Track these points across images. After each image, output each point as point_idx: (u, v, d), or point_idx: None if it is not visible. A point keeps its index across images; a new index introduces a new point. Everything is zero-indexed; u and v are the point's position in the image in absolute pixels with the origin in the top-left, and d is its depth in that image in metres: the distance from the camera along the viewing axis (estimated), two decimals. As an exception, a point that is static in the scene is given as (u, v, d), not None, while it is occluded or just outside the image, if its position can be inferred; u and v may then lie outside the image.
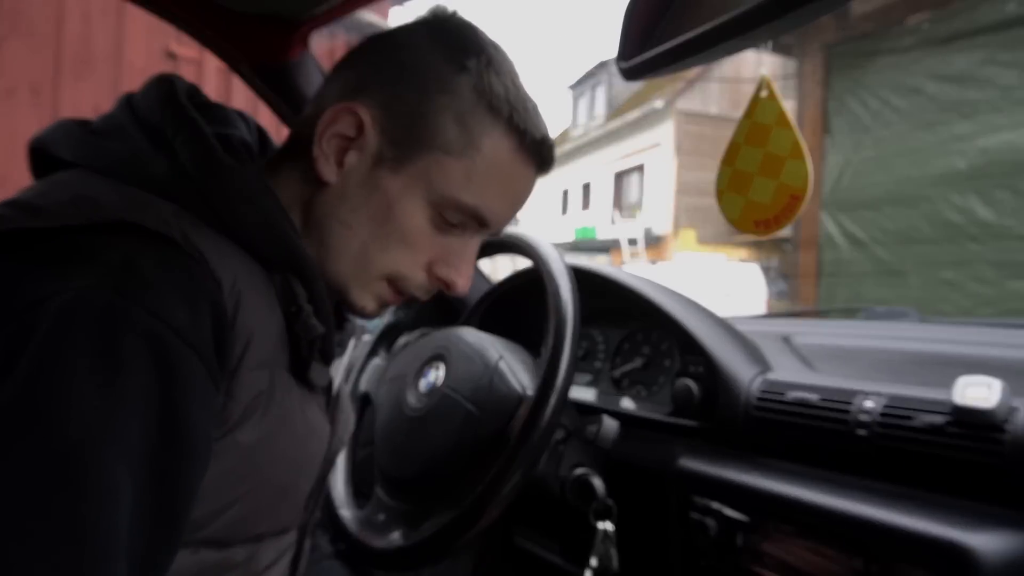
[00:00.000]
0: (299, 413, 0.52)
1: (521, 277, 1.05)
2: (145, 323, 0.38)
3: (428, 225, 0.54)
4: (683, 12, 0.47)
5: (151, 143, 0.48)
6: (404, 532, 0.75)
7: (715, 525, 0.68)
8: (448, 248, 0.55)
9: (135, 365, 0.37)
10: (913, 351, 0.84)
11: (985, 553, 0.50)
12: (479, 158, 0.52)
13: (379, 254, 0.53)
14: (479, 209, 0.54)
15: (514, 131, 0.53)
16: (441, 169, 0.52)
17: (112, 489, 0.35)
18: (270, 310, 0.48)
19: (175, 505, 0.40)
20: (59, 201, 0.42)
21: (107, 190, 0.44)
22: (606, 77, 15.56)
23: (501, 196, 0.54)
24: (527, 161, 0.55)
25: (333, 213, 0.53)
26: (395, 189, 0.52)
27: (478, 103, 0.52)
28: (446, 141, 0.52)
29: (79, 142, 0.48)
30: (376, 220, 0.53)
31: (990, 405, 0.57)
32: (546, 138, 0.55)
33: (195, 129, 0.48)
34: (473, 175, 0.53)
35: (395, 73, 0.53)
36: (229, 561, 0.49)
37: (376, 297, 0.56)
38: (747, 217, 0.66)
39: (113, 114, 0.51)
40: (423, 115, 0.52)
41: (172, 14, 0.88)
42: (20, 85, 2.67)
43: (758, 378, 0.77)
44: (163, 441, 0.38)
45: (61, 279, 0.38)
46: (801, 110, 5.73)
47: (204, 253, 0.43)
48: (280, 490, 0.51)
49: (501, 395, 0.75)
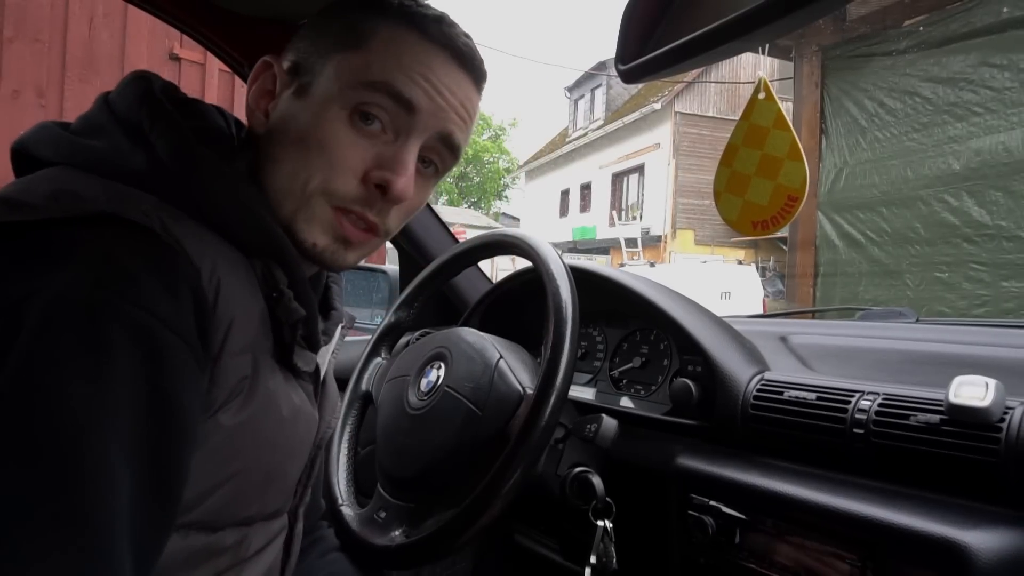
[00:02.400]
0: (283, 397, 0.53)
1: (521, 277, 1.05)
2: (129, 314, 0.39)
3: (348, 129, 0.53)
4: (681, 15, 0.47)
5: (129, 138, 0.49)
6: (405, 530, 0.75)
7: (713, 523, 0.69)
8: (379, 153, 0.54)
9: (122, 354, 0.38)
10: (909, 351, 0.85)
11: (980, 551, 0.51)
12: (374, 43, 0.54)
13: (307, 173, 0.53)
14: (391, 84, 0.53)
15: (404, 14, 0.55)
16: (341, 66, 0.54)
17: (109, 474, 0.36)
18: (251, 296, 0.49)
19: (171, 484, 0.41)
20: (40, 195, 0.43)
21: (87, 184, 0.45)
22: (605, 79, 15.58)
23: (409, 74, 0.54)
24: (427, 39, 0.55)
25: (267, 156, 0.55)
26: (310, 108, 0.54)
27: (367, 5, 0.56)
28: (340, 42, 0.55)
29: (60, 142, 0.49)
30: (300, 142, 0.54)
31: (985, 404, 0.57)
32: (443, 16, 0.56)
33: (171, 122, 0.50)
34: (373, 59, 0.54)
35: (303, 30, 0.58)
36: (218, 545, 0.50)
37: (324, 226, 0.54)
38: (745, 218, 0.67)
39: (92, 113, 0.52)
40: (318, 34, 0.56)
41: (174, 17, 0.88)
42: (25, 87, 2.68)
43: (756, 377, 0.77)
44: (155, 423, 0.39)
45: (43, 275, 0.39)
46: (798, 112, 5.75)
47: (183, 242, 0.44)
48: (267, 473, 0.52)
49: (501, 394, 0.75)
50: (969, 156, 4.73)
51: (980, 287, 4.67)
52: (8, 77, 2.66)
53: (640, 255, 11.67)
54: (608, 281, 0.95)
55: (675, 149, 13.16)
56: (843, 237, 5.53)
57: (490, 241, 0.91)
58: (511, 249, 0.87)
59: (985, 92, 4.66)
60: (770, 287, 8.72)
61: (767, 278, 9.12)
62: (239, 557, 0.52)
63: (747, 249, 11.49)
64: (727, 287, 7.48)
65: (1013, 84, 4.52)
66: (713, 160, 0.68)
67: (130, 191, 0.46)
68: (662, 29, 0.49)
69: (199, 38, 0.92)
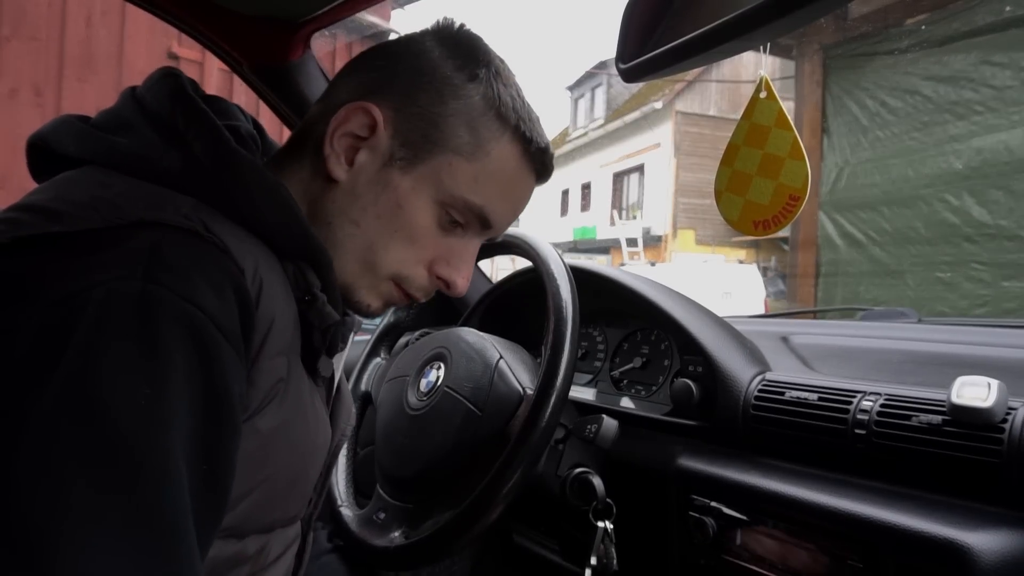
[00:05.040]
0: (309, 402, 0.53)
1: (521, 277, 1.05)
2: (179, 308, 0.39)
3: (434, 225, 0.55)
4: (682, 14, 0.47)
5: (162, 137, 0.48)
6: (404, 531, 0.75)
7: (714, 524, 0.69)
8: (450, 248, 0.57)
9: (175, 349, 0.38)
10: (911, 351, 0.84)
11: (982, 552, 0.51)
12: (487, 161, 0.55)
13: (385, 252, 0.54)
14: (484, 210, 0.56)
15: (520, 139, 0.56)
16: (451, 170, 0.54)
17: (170, 471, 0.36)
18: (287, 298, 0.49)
19: (224, 480, 0.41)
20: (77, 203, 0.43)
21: (123, 189, 0.44)
22: (605, 78, 15.58)
23: (504, 199, 0.57)
24: (530, 168, 0.58)
25: (342, 211, 0.54)
26: (405, 188, 0.53)
27: (488, 110, 0.54)
28: (457, 144, 0.54)
29: (85, 137, 0.48)
30: (384, 219, 0.54)
31: (988, 404, 0.57)
32: (548, 148, 0.58)
33: (208, 122, 0.49)
34: (480, 177, 0.55)
35: (409, 78, 0.54)
36: (243, 554, 0.49)
37: (381, 296, 0.57)
38: (746, 217, 0.67)
39: (117, 109, 0.50)
40: (435, 118, 0.54)
41: (173, 15, 0.88)
42: (23, 86, 2.68)
43: (757, 378, 0.77)
44: (209, 419, 0.39)
45: (91, 272, 0.39)
46: (799, 111, 5.74)
47: (226, 242, 0.44)
48: (292, 479, 0.52)
49: (501, 394, 0.75)
50: (970, 155, 4.72)
51: (981, 287, 4.67)
52: (5, 76, 2.66)
53: (641, 255, 11.66)
54: (608, 281, 0.95)
55: (676, 148, 13.15)
56: (844, 237, 5.52)
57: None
58: (511, 249, 0.87)
59: (986, 91, 4.66)
60: (771, 287, 8.71)
61: (768, 278, 9.12)
62: (259, 565, 0.52)
63: (748, 249, 11.49)
64: (728, 287, 7.48)
65: (1014, 83, 4.52)
66: (714, 159, 0.68)
67: (167, 193, 0.45)
68: (662, 28, 0.48)
69: (198, 37, 0.92)
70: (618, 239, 11.89)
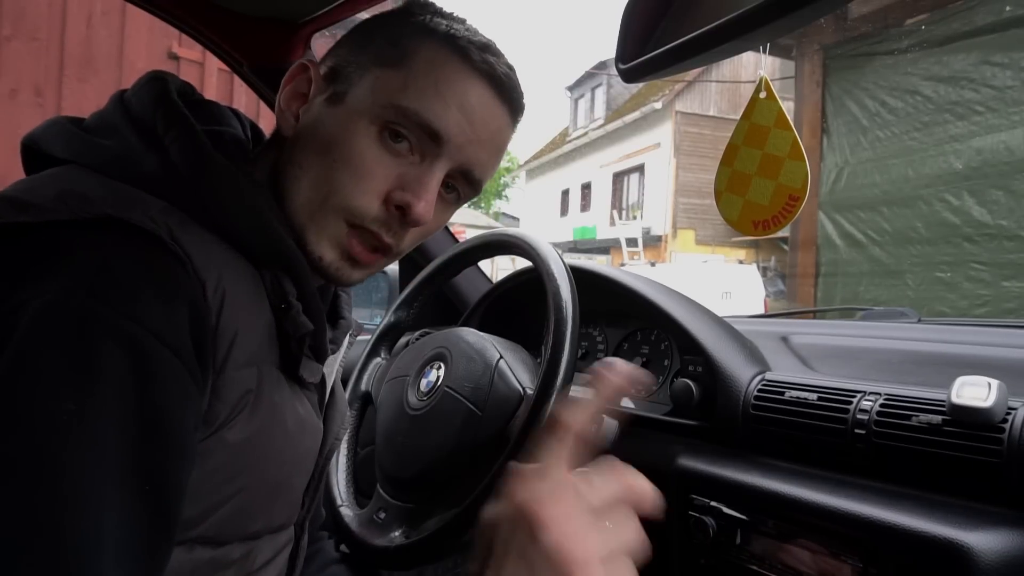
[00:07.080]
0: (289, 410, 0.52)
1: (521, 277, 1.05)
2: (120, 327, 0.38)
3: (376, 145, 0.52)
4: (682, 14, 0.47)
5: (142, 140, 0.48)
6: (405, 531, 0.75)
7: (714, 524, 0.69)
8: (403, 175, 0.53)
9: (110, 368, 0.37)
10: (911, 351, 0.84)
11: (982, 552, 0.51)
12: (415, 64, 0.53)
13: (328, 185, 0.52)
14: (423, 116, 0.52)
15: (449, 38, 0.54)
16: (380, 83, 0.53)
17: (89, 493, 0.35)
18: (258, 307, 0.48)
19: (167, 502, 0.40)
20: (46, 196, 0.43)
21: (96, 185, 0.44)
22: (605, 78, 15.58)
23: (442, 100, 0.52)
24: (468, 65, 0.53)
25: (289, 160, 0.55)
26: (340, 118, 0.53)
27: (414, 23, 0.55)
28: (382, 57, 0.54)
29: (71, 139, 0.48)
30: (323, 152, 0.53)
31: (988, 404, 0.57)
32: (488, 44, 0.55)
33: (186, 126, 0.49)
34: (410, 80, 0.52)
35: (345, 37, 0.57)
36: (225, 559, 0.49)
37: (333, 242, 0.53)
38: (746, 217, 0.67)
39: (106, 112, 0.51)
40: (360, 44, 0.55)
41: (174, 15, 0.88)
42: (23, 86, 2.68)
43: (757, 378, 0.77)
44: (145, 441, 0.38)
45: (38, 281, 0.38)
46: (799, 111, 5.74)
47: (189, 251, 0.44)
48: (273, 488, 0.52)
49: (501, 394, 0.75)
50: (970, 155, 4.73)
51: (981, 287, 4.67)
52: (6, 76, 2.66)
53: (641, 255, 11.66)
54: (608, 281, 0.95)
55: (676, 148, 13.15)
56: (844, 237, 5.52)
57: (490, 241, 0.91)
58: (511, 249, 0.87)
59: (986, 91, 4.66)
60: (771, 287, 8.72)
61: (768, 278, 9.12)
62: (245, 570, 0.51)
63: (748, 249, 11.49)
64: (728, 287, 7.48)
65: (1014, 83, 4.52)
66: (714, 160, 0.68)
67: (139, 195, 0.45)
68: (662, 28, 0.48)
69: (198, 37, 0.92)
70: (618, 239, 11.90)
